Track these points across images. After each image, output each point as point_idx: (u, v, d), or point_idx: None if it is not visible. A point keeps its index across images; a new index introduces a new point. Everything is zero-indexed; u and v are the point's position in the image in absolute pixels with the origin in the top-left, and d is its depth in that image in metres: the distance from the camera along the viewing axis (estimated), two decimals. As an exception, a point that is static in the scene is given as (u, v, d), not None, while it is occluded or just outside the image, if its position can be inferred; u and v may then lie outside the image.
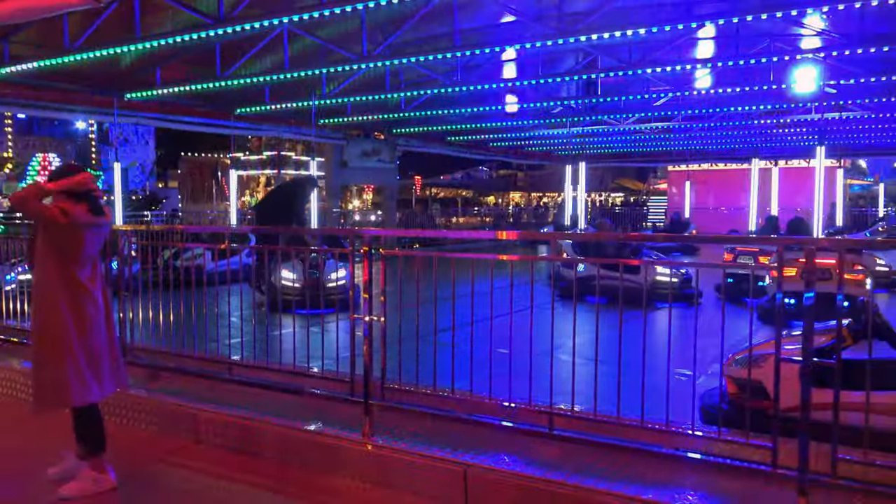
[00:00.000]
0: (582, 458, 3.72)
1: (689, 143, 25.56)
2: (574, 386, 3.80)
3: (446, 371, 4.20)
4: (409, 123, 21.51)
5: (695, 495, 3.33)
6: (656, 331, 3.67)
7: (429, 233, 19.47)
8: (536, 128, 21.75)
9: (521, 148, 28.75)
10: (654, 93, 15.72)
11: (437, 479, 3.81)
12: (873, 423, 3.43)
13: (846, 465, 3.25)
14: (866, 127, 20.47)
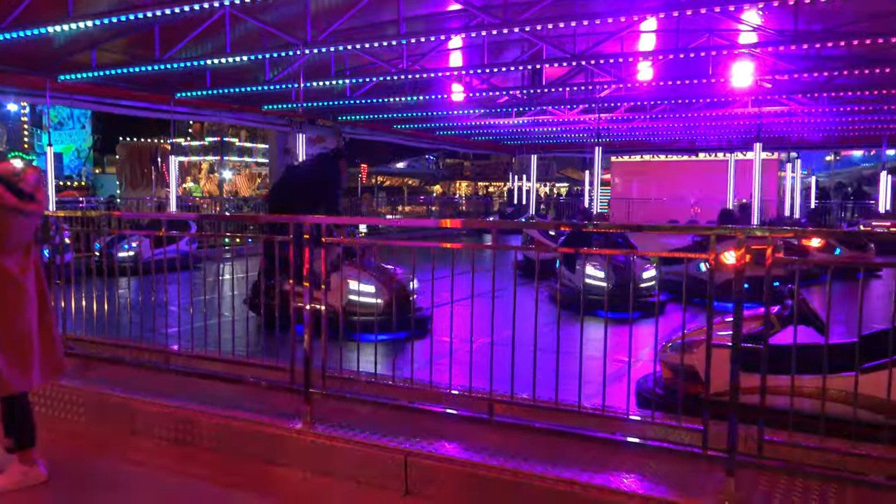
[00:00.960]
0: (521, 444, 3.78)
1: (632, 135, 26.00)
2: (513, 373, 3.84)
3: (387, 359, 4.20)
4: (355, 111, 21.32)
5: (629, 477, 3.42)
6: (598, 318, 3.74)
7: (370, 220, 19.38)
8: (482, 117, 21.83)
9: (468, 137, 28.82)
10: (598, 84, 15.92)
11: (378, 466, 3.82)
12: (798, 405, 3.58)
13: (772, 446, 3.37)
14: (799, 121, 21.13)
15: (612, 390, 3.86)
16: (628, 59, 13.31)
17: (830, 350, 3.68)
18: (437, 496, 3.67)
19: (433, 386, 4.15)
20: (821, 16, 11.63)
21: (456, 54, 15.54)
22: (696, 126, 23.24)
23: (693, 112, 19.48)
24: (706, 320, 3.38)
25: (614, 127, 23.29)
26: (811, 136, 25.22)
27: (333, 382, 4.40)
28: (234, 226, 21.12)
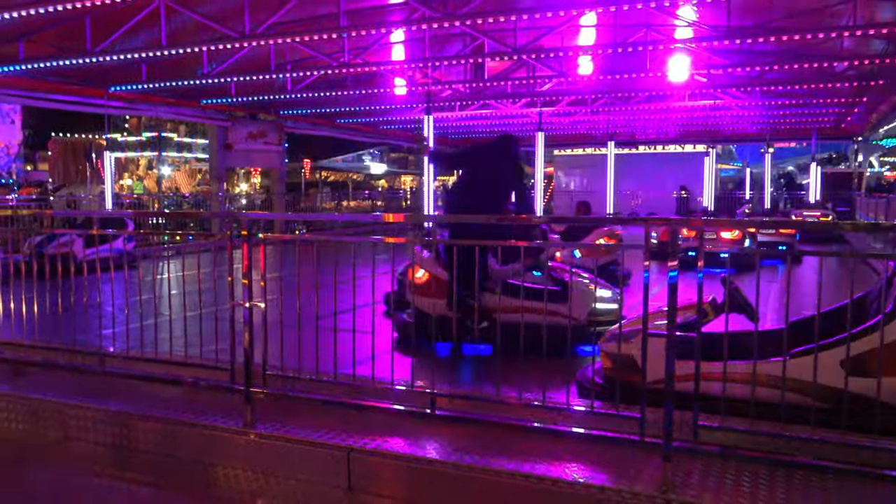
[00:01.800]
0: (464, 437, 3.80)
1: (575, 128, 26.34)
2: (454, 367, 3.86)
3: (329, 356, 4.17)
4: (297, 105, 21.06)
5: (570, 466, 3.47)
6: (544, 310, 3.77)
7: (310, 216, 19.19)
8: (424, 111, 21.81)
9: (412, 131, 28.76)
10: (540, 78, 16.08)
11: (321, 464, 3.79)
12: (732, 391, 3.68)
13: (707, 431, 3.47)
14: (733, 115, 21.73)
15: (554, 382, 3.92)
16: (568, 53, 13.47)
17: (761, 337, 3.80)
18: (380, 492, 3.67)
19: (376, 382, 4.14)
20: (753, 12, 11.99)
21: (398, 48, 15.48)
22: (636, 119, 23.69)
23: (632, 106, 19.85)
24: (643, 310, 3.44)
25: (556, 120, 23.56)
26: (745, 128, 25.95)
27: (275, 381, 4.35)
28: (174, 223, 20.66)
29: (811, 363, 3.42)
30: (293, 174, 39.98)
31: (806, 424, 3.41)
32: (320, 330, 4.23)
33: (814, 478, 3.30)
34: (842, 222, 9.81)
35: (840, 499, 3.13)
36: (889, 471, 3.21)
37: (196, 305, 4.69)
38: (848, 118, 22.55)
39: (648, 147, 30.90)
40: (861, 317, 4.02)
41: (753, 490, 3.21)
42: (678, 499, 3.16)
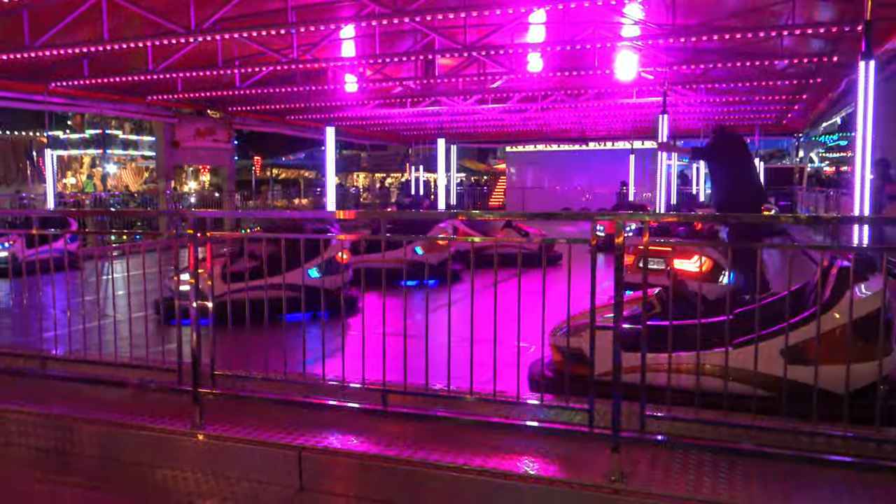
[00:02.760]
0: (416, 432, 3.80)
1: (525, 125, 26.53)
2: (406, 363, 3.86)
3: (279, 355, 4.13)
4: (246, 101, 20.75)
5: (522, 458, 3.51)
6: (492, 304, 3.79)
7: (259, 213, 18.92)
8: (376, 108, 21.72)
9: (363, 128, 28.61)
10: (490, 75, 16.15)
11: (272, 464, 3.76)
12: (677, 382, 3.77)
13: (654, 421, 3.55)
14: (679, 112, 22.15)
15: (505, 376, 3.95)
16: (518, 50, 13.56)
17: (705, 328, 3.89)
18: (333, 490, 3.65)
19: (327, 380, 4.11)
20: (697, 11, 12.24)
21: (349, 44, 15.37)
22: (586, 116, 23.98)
23: (582, 103, 20.07)
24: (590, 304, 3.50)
25: (508, 117, 23.70)
26: (690, 125, 26.49)
27: (224, 381, 4.29)
28: (121, 223, 20.19)
29: (753, 353, 3.52)
30: (243, 172, 39.41)
31: (748, 412, 3.50)
32: (271, 328, 4.20)
33: (756, 464, 3.40)
34: (783, 215, 10.11)
35: (781, 483, 3.23)
36: (827, 455, 3.32)
37: (142, 306, 4.59)
38: (789, 115, 23.19)
39: (599, 144, 31.34)
40: (801, 307, 4.15)
41: (699, 477, 3.29)
42: (626, 488, 3.22)
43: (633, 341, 3.76)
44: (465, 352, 3.86)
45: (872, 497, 3.07)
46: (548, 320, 3.81)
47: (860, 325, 3.64)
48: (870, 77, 6.46)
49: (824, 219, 13.17)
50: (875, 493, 3.10)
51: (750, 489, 3.18)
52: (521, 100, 20.59)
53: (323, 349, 4.07)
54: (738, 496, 3.11)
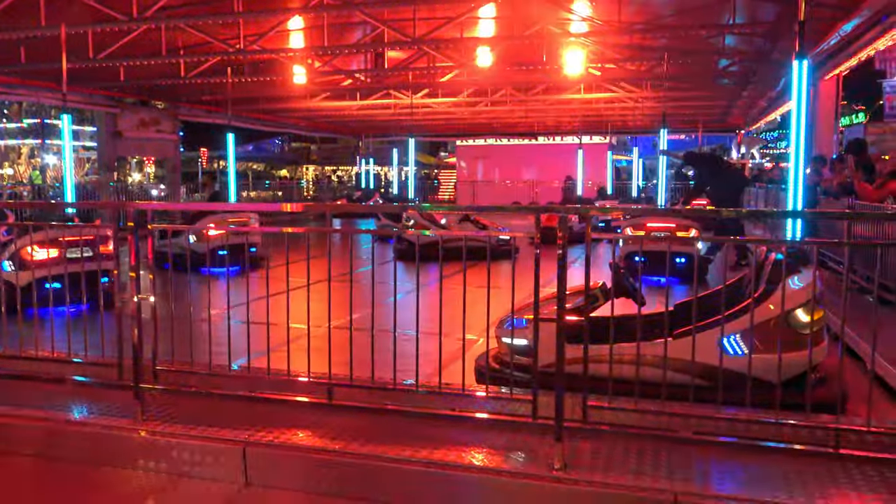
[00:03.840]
0: (362, 426, 3.81)
1: (475, 119, 26.62)
2: (352, 356, 3.86)
3: (223, 350, 4.08)
4: (191, 92, 20.33)
5: (467, 450, 3.54)
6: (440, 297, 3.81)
7: (199, 205, 18.55)
8: (326, 100, 21.54)
9: (313, 120, 28.33)
10: (440, 68, 16.17)
11: (216, 459, 3.71)
12: (619, 372, 3.84)
13: (596, 411, 3.62)
14: (626, 107, 22.50)
15: (452, 368, 3.98)
16: (468, 44, 13.60)
17: (646, 320, 3.98)
18: (278, 484, 3.63)
19: (272, 374, 4.08)
20: (643, 8, 12.44)
21: (297, 36, 15.18)
22: (535, 111, 24.18)
23: (531, 97, 20.25)
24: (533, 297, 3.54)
25: (458, 111, 23.75)
26: (637, 122, 26.94)
27: (167, 376, 4.22)
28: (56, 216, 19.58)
29: (691, 343, 3.61)
30: (190, 164, 38.67)
31: (687, 401, 3.60)
32: (217, 322, 4.15)
33: (694, 450, 3.50)
34: (724, 209, 10.32)
35: (718, 468, 3.34)
36: (761, 441, 3.44)
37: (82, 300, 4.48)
38: (730, 111, 23.80)
39: (548, 138, 31.64)
40: (738, 299, 4.28)
41: (640, 465, 3.38)
42: (569, 477, 3.28)
43: (576, 333, 3.82)
44: (413, 345, 3.87)
45: (804, 482, 3.19)
46: (497, 312, 3.85)
47: (792, 315, 3.77)
48: (803, 75, 6.67)
49: (760, 213, 13.59)
50: (806, 478, 3.23)
51: (688, 475, 3.27)
52: (471, 94, 20.66)
53: (268, 343, 4.03)
54: (677, 482, 3.20)
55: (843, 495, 3.07)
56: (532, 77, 17.41)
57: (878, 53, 14.28)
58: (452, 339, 4.59)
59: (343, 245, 10.93)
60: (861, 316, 5.25)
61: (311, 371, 4.02)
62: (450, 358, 4.88)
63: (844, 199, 8.65)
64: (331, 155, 55.34)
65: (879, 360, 4.74)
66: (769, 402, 3.49)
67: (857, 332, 5.34)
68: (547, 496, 3.28)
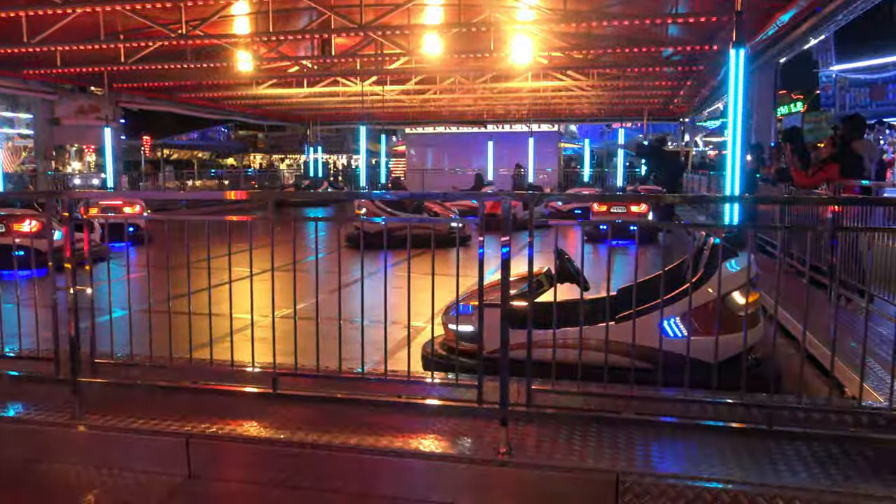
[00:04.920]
0: (307, 415, 3.78)
1: (424, 106, 26.57)
2: (296, 345, 3.83)
3: (164, 341, 4.01)
4: (132, 78, 19.79)
5: (414, 436, 3.55)
6: (384, 286, 3.80)
7: (145, 194, 18.20)
8: (272, 87, 21.22)
9: (259, 108, 27.87)
10: (388, 56, 16.06)
11: (158, 452, 3.65)
12: (564, 356, 3.90)
13: (541, 395, 3.66)
14: (573, 95, 22.74)
15: (399, 356, 3.98)
16: (414, 31, 13.53)
17: (589, 304, 4.04)
18: (223, 476, 3.59)
19: (215, 364, 4.02)
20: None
21: (241, 21, 14.90)
22: (484, 99, 24.24)
23: (480, 86, 20.28)
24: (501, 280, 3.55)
25: (407, 99, 23.66)
26: (584, 110, 27.26)
27: (107, 369, 4.12)
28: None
29: (631, 327, 3.68)
30: (132, 152, 37.64)
31: (628, 384, 3.67)
32: (159, 314, 4.06)
33: (636, 431, 3.58)
34: (669, 195, 10.58)
35: (659, 448, 3.42)
36: (700, 420, 3.54)
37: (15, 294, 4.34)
38: (675, 100, 24.24)
39: (498, 126, 31.76)
40: (679, 283, 4.38)
41: (583, 446, 3.44)
42: (514, 461, 3.32)
43: (521, 319, 3.85)
44: (358, 333, 3.86)
45: (739, 459, 3.29)
46: (445, 299, 3.86)
47: (729, 298, 3.87)
48: (740, 64, 6.83)
49: (700, 198, 13.92)
50: (741, 455, 3.33)
51: (631, 455, 3.35)
52: (419, 82, 20.59)
53: (210, 333, 3.96)
54: (620, 463, 3.27)
55: (776, 471, 3.17)
56: (481, 65, 17.43)
57: (815, 44, 14.73)
58: (400, 327, 4.58)
59: (290, 234, 10.80)
60: (796, 298, 5.42)
61: (256, 361, 3.97)
62: (397, 346, 4.89)
63: (781, 186, 8.91)
64: (279, 143, 54.52)
65: (812, 339, 4.92)
66: (708, 382, 3.58)
67: (792, 313, 5.52)
68: (493, 480, 3.31)
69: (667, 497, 3.09)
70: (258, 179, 38.96)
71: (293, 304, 3.79)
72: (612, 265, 3.76)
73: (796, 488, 3.02)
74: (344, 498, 3.39)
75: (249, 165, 50.52)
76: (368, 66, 18.07)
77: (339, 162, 50.91)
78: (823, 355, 5.00)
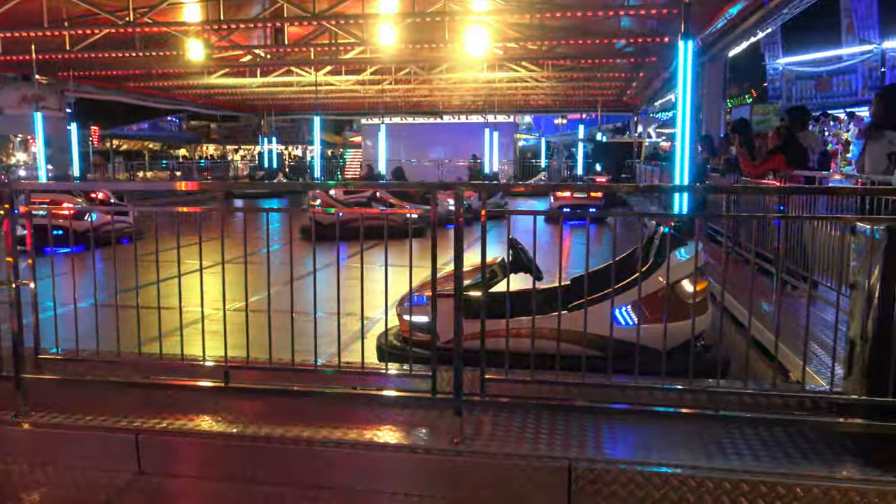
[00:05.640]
0: (259, 408, 3.75)
1: (380, 97, 26.40)
2: (248, 337, 3.78)
3: (112, 336, 3.92)
4: (79, 66, 19.23)
5: (368, 427, 3.55)
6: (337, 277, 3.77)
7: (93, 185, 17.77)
8: (223, 77, 20.85)
9: (211, 97, 27.36)
10: (342, 45, 15.91)
11: (107, 449, 3.58)
12: (518, 346, 3.93)
13: (494, 384, 3.68)
14: (529, 87, 22.86)
15: (354, 347, 3.96)
16: (368, 20, 13.43)
17: (542, 294, 4.08)
18: (173, 471, 3.54)
19: (165, 358, 3.95)
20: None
21: (192, 8, 14.58)
22: (440, 90, 24.20)
23: (435, 76, 20.24)
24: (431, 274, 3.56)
25: (362, 89, 23.48)
26: (539, 101, 27.42)
27: (53, 364, 4.03)
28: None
29: (582, 316, 3.73)
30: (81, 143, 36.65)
31: (580, 372, 3.72)
32: (107, 308, 3.97)
33: (589, 418, 3.63)
34: (621, 184, 10.71)
35: (611, 435, 3.48)
36: (651, 406, 3.60)
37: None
38: (628, 92, 24.53)
39: (454, 117, 31.77)
40: (630, 272, 4.44)
41: (537, 434, 3.48)
42: (469, 449, 3.35)
43: (475, 309, 3.87)
44: (312, 326, 3.82)
45: (689, 443, 3.37)
46: (400, 290, 3.85)
47: (679, 286, 3.95)
48: (689, 55, 6.94)
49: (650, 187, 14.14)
50: (690, 439, 3.41)
51: (583, 442, 3.39)
52: (375, 72, 20.46)
53: (159, 327, 3.89)
54: (572, 450, 3.31)
55: (723, 454, 3.26)
56: (436, 56, 17.39)
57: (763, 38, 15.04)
58: (355, 319, 4.55)
59: (243, 226, 10.65)
60: (744, 286, 5.55)
61: (208, 355, 3.92)
62: (352, 337, 4.87)
63: (730, 176, 9.10)
64: (232, 133, 53.63)
65: (758, 325, 5.04)
66: (658, 369, 3.65)
67: (740, 300, 5.66)
68: (448, 469, 3.33)
69: (618, 483, 3.15)
70: (211, 170, 38.26)
71: (245, 296, 3.74)
72: (564, 255, 3.79)
73: (743, 471, 3.10)
74: (299, 491, 3.37)
75: (202, 156, 49.57)
76: (323, 55, 17.87)
77: (294, 152, 50.31)
78: (769, 341, 5.13)
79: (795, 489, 3.01)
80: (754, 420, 3.48)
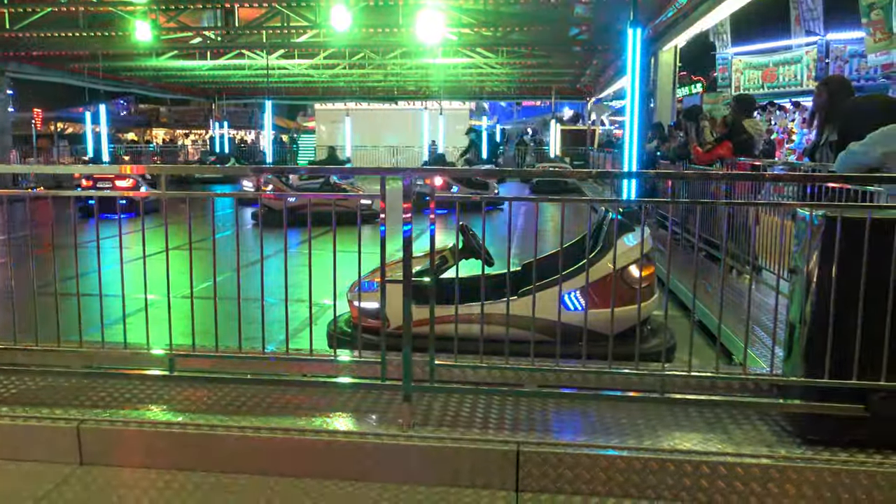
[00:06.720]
0: (206, 397, 3.69)
1: (333, 82, 26.13)
2: (193, 324, 3.71)
3: (52, 325, 3.81)
4: (20, 46, 18.58)
5: (316, 415, 3.52)
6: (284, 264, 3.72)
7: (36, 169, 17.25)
8: (172, 59, 20.38)
9: (160, 80, 26.73)
10: (295, 28, 15.67)
11: (47, 441, 3.48)
12: (468, 331, 3.94)
13: (444, 370, 3.69)
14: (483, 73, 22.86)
15: (303, 334, 3.92)
16: (322, 3, 13.26)
17: (491, 280, 4.09)
18: (117, 462, 3.46)
19: (107, 346, 3.85)
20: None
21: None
22: (394, 75, 24.05)
23: (390, 61, 20.09)
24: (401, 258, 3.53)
25: (315, 73, 23.19)
26: (494, 88, 27.46)
27: (-12, 354, 3.90)
28: None
29: (531, 301, 3.75)
30: (23, 125, 35.46)
31: (528, 357, 3.75)
32: (46, 295, 3.85)
33: (537, 403, 3.67)
34: (573, 170, 10.81)
35: (559, 419, 3.52)
36: (598, 390, 3.65)
37: None
38: (582, 79, 24.74)
39: (410, 103, 31.63)
40: (580, 258, 4.48)
41: (486, 419, 3.49)
42: (419, 435, 3.35)
43: (424, 295, 3.86)
44: (260, 313, 3.77)
45: (635, 425, 3.43)
46: (351, 276, 3.81)
47: (626, 272, 4.00)
48: (637, 42, 7.02)
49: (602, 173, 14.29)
50: (637, 421, 3.47)
51: (531, 426, 3.42)
52: (328, 56, 20.22)
53: (101, 313, 3.79)
54: (520, 434, 3.34)
55: (669, 435, 3.32)
56: (390, 40, 17.25)
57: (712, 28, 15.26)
58: (305, 306, 4.51)
59: (191, 211, 10.46)
60: (692, 271, 5.66)
61: (153, 343, 3.83)
62: (302, 324, 4.82)
63: (680, 164, 9.25)
64: (183, 118, 52.53)
65: (703, 309, 5.16)
66: (605, 353, 3.69)
67: (687, 286, 5.76)
68: (398, 455, 3.32)
69: (565, 465, 3.19)
70: (160, 155, 37.40)
71: (189, 283, 3.67)
72: (511, 241, 3.80)
73: (688, 451, 3.16)
74: (247, 479, 3.33)
75: (151, 140, 48.44)
76: (275, 38, 17.57)
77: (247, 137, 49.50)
78: (715, 325, 5.25)
79: (736, 468, 3.09)
80: (699, 402, 3.56)
